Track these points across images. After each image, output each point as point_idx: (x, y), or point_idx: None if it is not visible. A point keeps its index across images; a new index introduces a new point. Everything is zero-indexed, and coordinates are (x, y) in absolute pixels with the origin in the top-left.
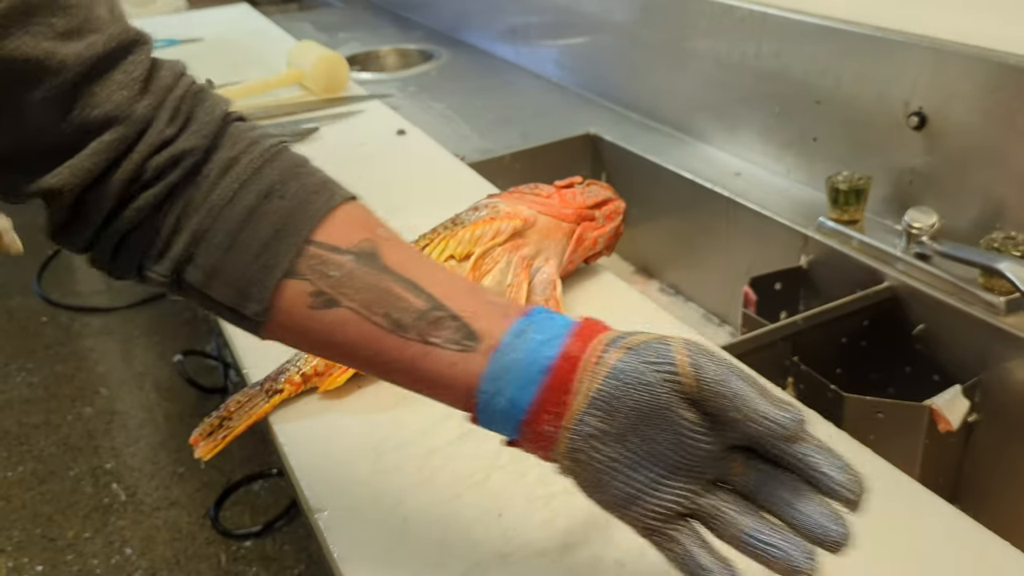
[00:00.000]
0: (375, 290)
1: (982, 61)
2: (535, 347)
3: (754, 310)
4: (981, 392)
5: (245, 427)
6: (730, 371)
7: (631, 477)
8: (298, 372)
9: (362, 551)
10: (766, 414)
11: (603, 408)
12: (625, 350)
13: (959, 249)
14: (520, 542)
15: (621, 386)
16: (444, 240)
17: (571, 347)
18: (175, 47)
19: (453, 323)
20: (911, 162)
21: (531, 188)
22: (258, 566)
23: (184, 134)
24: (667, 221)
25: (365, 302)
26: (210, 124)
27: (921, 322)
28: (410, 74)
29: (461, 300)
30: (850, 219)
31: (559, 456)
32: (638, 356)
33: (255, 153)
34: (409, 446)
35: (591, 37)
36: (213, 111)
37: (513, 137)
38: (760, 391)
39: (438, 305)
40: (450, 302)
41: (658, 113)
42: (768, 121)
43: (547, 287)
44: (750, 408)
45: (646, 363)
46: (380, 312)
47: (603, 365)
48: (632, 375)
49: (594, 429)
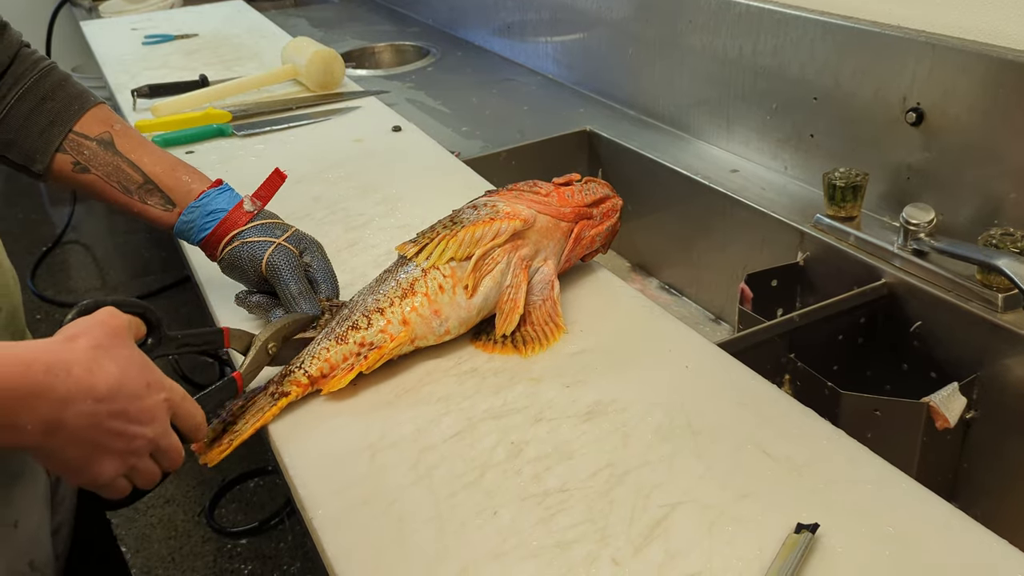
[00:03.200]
0: (111, 166)
1: (980, 57)
2: (197, 225)
3: (750, 307)
4: (979, 389)
5: (253, 431)
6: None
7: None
8: (304, 374)
9: (357, 550)
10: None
11: (227, 267)
12: (240, 243)
13: (957, 246)
14: (515, 541)
15: (239, 253)
16: (444, 240)
17: (209, 238)
18: (170, 43)
19: (159, 193)
20: (908, 158)
21: (529, 186)
22: (253, 564)
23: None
24: (664, 218)
25: (105, 173)
26: (8, 49)
27: (918, 319)
28: (406, 70)
29: (165, 179)
30: (847, 215)
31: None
32: (243, 252)
33: (35, 70)
34: (403, 445)
35: (587, 33)
36: (11, 41)
37: (509, 134)
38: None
39: (149, 180)
40: (157, 180)
41: (655, 110)
42: (765, 117)
43: (545, 287)
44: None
45: (251, 244)
46: (114, 180)
47: (225, 249)
48: (236, 257)
49: (227, 271)
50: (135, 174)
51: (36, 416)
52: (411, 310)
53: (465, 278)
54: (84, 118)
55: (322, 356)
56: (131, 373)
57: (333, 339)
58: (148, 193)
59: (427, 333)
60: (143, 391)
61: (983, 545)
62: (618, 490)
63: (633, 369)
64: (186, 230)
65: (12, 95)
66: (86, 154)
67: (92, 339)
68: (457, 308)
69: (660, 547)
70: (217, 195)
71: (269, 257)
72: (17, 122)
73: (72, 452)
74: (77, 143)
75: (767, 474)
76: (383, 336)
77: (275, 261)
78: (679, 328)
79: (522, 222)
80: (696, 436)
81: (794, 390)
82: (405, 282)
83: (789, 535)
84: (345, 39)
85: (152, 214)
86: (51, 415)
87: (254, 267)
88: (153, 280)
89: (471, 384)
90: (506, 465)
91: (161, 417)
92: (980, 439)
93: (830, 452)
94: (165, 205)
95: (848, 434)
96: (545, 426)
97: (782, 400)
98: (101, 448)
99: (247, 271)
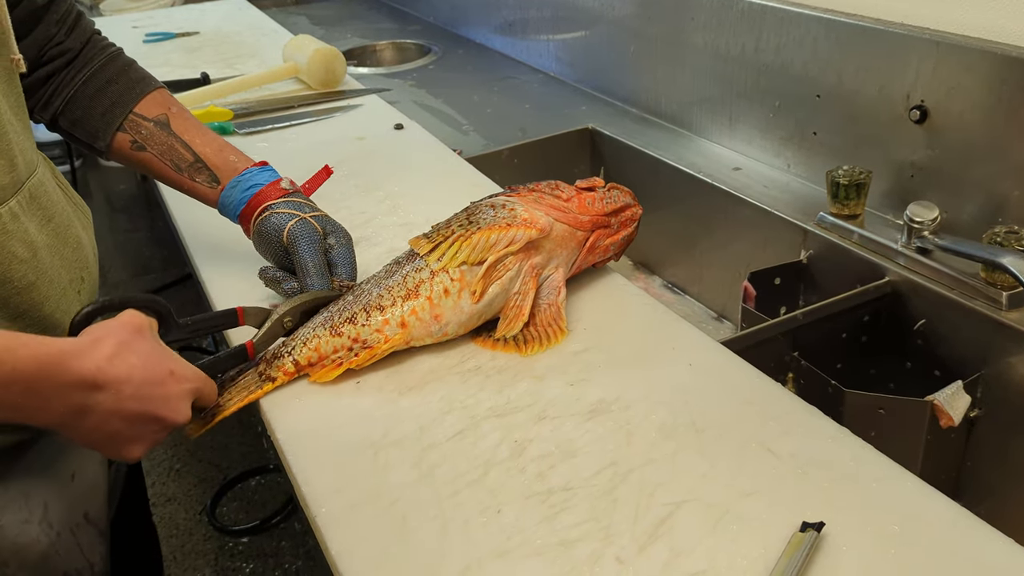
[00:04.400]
0: (165, 145)
1: (985, 54)
2: (237, 199)
3: (753, 305)
4: (983, 387)
5: (235, 408)
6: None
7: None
8: (293, 362)
9: (360, 548)
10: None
11: (257, 238)
12: (266, 215)
13: (961, 243)
14: (519, 539)
15: (266, 223)
16: (458, 242)
17: (245, 211)
18: (171, 41)
19: (207, 172)
20: (912, 156)
21: (551, 188)
22: (255, 562)
23: (68, 39)
24: (666, 216)
25: (159, 152)
26: (82, 36)
27: (922, 317)
28: (407, 68)
29: (213, 158)
30: (850, 213)
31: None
32: (271, 220)
33: (103, 55)
34: (406, 443)
35: (589, 31)
36: (85, 28)
37: (511, 132)
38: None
39: (199, 159)
40: (206, 159)
41: (657, 108)
42: (768, 115)
43: (552, 292)
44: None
45: (278, 215)
46: (168, 159)
47: (257, 219)
48: (266, 226)
49: (258, 245)
50: (187, 153)
51: (66, 402)
52: (411, 312)
53: (474, 283)
54: (144, 101)
55: (312, 344)
56: (152, 364)
57: (328, 329)
58: (197, 171)
59: (424, 336)
60: (167, 379)
61: (990, 544)
62: (622, 488)
63: (636, 367)
64: (227, 203)
65: (81, 77)
66: (143, 133)
67: (116, 337)
68: (459, 313)
69: (664, 545)
70: (258, 173)
71: (292, 227)
72: (85, 102)
73: (98, 435)
74: (136, 123)
75: (771, 472)
76: (378, 336)
77: (296, 231)
78: (683, 326)
79: (538, 231)
80: (700, 434)
81: (797, 388)
82: (411, 282)
83: (794, 533)
84: (346, 37)
85: (200, 191)
86: (79, 402)
87: (278, 236)
88: (154, 279)
89: (474, 382)
90: (509, 463)
91: (185, 401)
92: (984, 437)
93: (835, 450)
94: (211, 183)
95: (852, 432)
96: (548, 424)
97: (786, 398)
98: (126, 432)
99: (272, 241)
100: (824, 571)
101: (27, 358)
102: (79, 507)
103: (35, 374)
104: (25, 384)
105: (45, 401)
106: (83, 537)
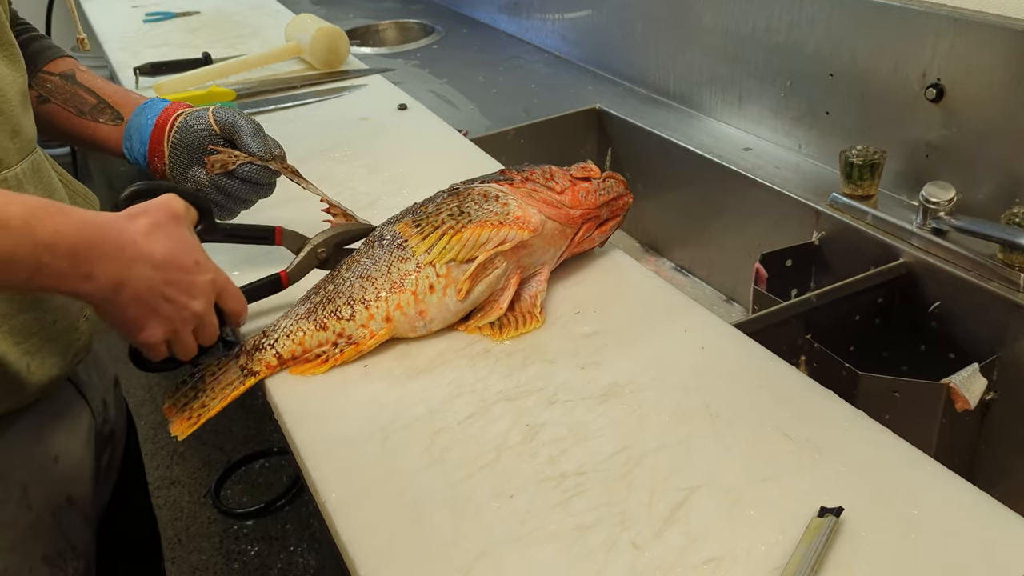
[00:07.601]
0: (68, 93)
1: (1003, 31)
2: (144, 121)
3: (765, 287)
4: (999, 370)
5: (220, 408)
6: (237, 115)
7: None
8: (275, 355)
9: (371, 533)
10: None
11: (177, 146)
12: (183, 117)
13: (978, 224)
14: (533, 524)
15: (187, 121)
16: (447, 237)
17: (159, 120)
18: (171, 20)
19: (110, 111)
20: (928, 135)
21: (545, 178)
22: (260, 545)
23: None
24: (676, 197)
25: (63, 100)
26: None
27: (937, 299)
28: (411, 48)
29: (116, 98)
30: (864, 194)
31: (168, 175)
32: (190, 118)
33: (15, 28)
34: (416, 427)
35: (595, 10)
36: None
37: (517, 112)
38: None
39: (102, 100)
40: (108, 98)
41: (666, 87)
42: (779, 95)
43: (532, 285)
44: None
45: (193, 118)
46: (71, 105)
47: (173, 127)
48: (186, 127)
49: (176, 156)
50: (89, 97)
51: (109, 270)
52: (396, 307)
53: (461, 281)
54: (54, 62)
55: (296, 338)
56: (181, 249)
57: (312, 322)
58: (100, 112)
59: (408, 331)
60: (192, 267)
61: (1011, 527)
62: (636, 473)
63: (648, 350)
64: (134, 131)
65: None
66: (48, 87)
67: (152, 217)
68: (444, 310)
69: (680, 530)
70: (161, 102)
71: (215, 110)
72: None
73: (131, 311)
74: (42, 79)
75: (788, 456)
76: (363, 331)
77: (221, 112)
78: (694, 308)
79: (530, 232)
80: (714, 418)
81: (810, 371)
82: (395, 273)
83: (813, 519)
84: (348, 16)
85: (103, 133)
86: (120, 272)
87: (204, 125)
88: None
89: (484, 365)
90: (521, 447)
91: (207, 294)
92: (999, 420)
93: (851, 434)
94: (115, 120)
95: (866, 415)
96: (560, 408)
97: (801, 381)
98: (154, 311)
99: (197, 133)
100: (843, 557)
101: (68, 224)
102: (62, 490)
103: (78, 238)
104: (69, 247)
105: (90, 267)
106: (65, 520)
